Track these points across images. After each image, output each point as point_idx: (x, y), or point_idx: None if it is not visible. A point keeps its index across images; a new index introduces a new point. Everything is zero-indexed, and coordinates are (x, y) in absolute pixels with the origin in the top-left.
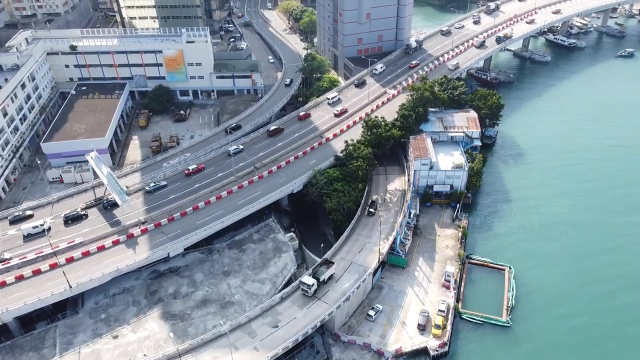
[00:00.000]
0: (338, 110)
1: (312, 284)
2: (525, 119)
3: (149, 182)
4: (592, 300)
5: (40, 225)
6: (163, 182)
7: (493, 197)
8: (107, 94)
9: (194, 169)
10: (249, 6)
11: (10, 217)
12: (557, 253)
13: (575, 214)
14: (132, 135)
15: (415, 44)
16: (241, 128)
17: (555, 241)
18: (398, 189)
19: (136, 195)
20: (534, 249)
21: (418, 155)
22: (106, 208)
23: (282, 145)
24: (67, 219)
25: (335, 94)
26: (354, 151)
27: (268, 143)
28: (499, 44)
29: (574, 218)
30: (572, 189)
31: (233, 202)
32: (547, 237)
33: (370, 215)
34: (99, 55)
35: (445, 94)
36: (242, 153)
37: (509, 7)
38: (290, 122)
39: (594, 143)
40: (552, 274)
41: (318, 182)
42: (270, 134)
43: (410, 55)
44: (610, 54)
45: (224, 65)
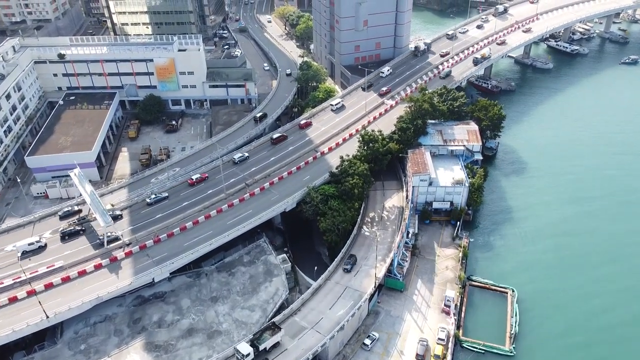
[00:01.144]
0: (383, 90)
1: (248, 354)
2: (527, 128)
3: (150, 194)
4: (601, 328)
5: (36, 242)
6: (164, 193)
7: (495, 213)
8: (95, 104)
9: (197, 179)
10: (245, 11)
11: (61, 212)
12: (563, 273)
13: (581, 229)
14: (121, 147)
15: (424, 47)
16: (267, 117)
17: (560, 260)
18: (396, 205)
19: (124, 213)
20: (538, 269)
21: (417, 170)
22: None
23: (286, 154)
24: (64, 235)
25: (339, 99)
26: (350, 167)
27: (271, 152)
28: (476, 65)
29: (580, 234)
30: (577, 202)
31: (223, 222)
32: (551, 255)
33: (346, 272)
34: (88, 64)
35: (444, 105)
36: (247, 161)
37: (518, 10)
38: (291, 131)
39: (598, 152)
40: (558, 297)
41: (313, 200)
42: (273, 141)
43: (418, 58)
44: (613, 60)
45: (217, 74)
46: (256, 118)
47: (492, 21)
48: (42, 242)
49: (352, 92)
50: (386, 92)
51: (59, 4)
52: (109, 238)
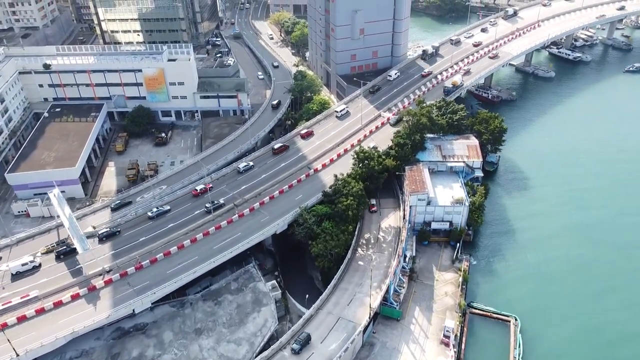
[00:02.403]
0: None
1: None
2: (529, 140)
3: (152, 208)
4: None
5: (29, 262)
6: (166, 206)
7: (496, 233)
8: (82, 116)
9: (201, 189)
10: (240, 17)
11: (113, 204)
12: (570, 299)
13: (588, 250)
14: (108, 162)
15: (432, 50)
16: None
17: (566, 285)
18: (392, 226)
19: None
20: (542, 295)
21: (414, 189)
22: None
23: (287, 164)
24: (59, 254)
25: (344, 106)
26: (343, 187)
27: (273, 162)
28: (447, 95)
29: (586, 255)
30: (582, 219)
31: (209, 246)
32: (557, 279)
33: (294, 353)
34: (75, 74)
35: (444, 119)
36: (253, 169)
37: (529, 13)
38: (292, 140)
39: (602, 164)
40: (564, 326)
41: (306, 222)
42: (275, 151)
43: (426, 62)
44: (617, 68)
45: (208, 84)
46: (273, 105)
47: (499, 25)
48: (37, 261)
49: (357, 98)
50: (428, 73)
51: (47, 11)
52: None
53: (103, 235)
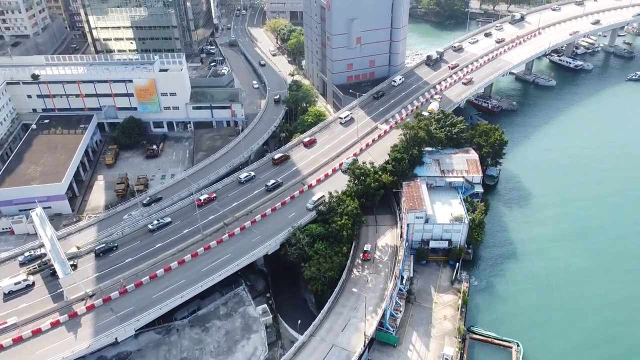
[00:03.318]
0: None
1: None
2: (530, 152)
3: (152, 220)
4: None
5: (23, 281)
6: (167, 218)
7: (497, 251)
8: (71, 127)
9: (205, 199)
10: (236, 23)
11: (145, 200)
12: (575, 324)
13: (592, 267)
14: (97, 175)
15: (437, 56)
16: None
17: (571, 308)
18: (389, 244)
19: (89, 257)
20: (546, 318)
21: (412, 206)
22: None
23: (289, 175)
24: (54, 272)
25: (348, 112)
26: (338, 205)
27: (273, 172)
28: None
29: (591, 274)
30: (586, 234)
31: (197, 268)
32: (561, 301)
33: None
34: (64, 85)
35: (442, 132)
36: (253, 180)
37: (539, 17)
38: (295, 149)
39: (606, 177)
40: (569, 354)
41: (299, 242)
42: (275, 162)
43: (430, 67)
44: (619, 77)
45: (202, 94)
46: (276, 100)
47: (503, 30)
48: (30, 280)
49: (361, 103)
50: (455, 65)
51: (38, 19)
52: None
53: (100, 250)
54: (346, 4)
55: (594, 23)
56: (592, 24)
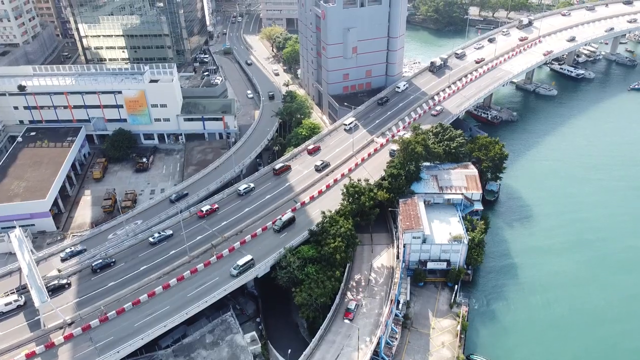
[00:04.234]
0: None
1: None
2: (532, 165)
3: (153, 233)
4: None
5: (14, 302)
6: (169, 231)
7: (498, 272)
8: (58, 140)
9: (207, 210)
10: (231, 30)
11: (173, 196)
12: (578, 350)
13: (596, 289)
14: (84, 190)
15: (441, 62)
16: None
17: (574, 330)
18: (385, 265)
19: (72, 279)
20: (548, 345)
21: (409, 226)
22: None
23: (291, 185)
24: (48, 290)
25: (352, 119)
26: (331, 226)
27: (275, 184)
28: (392, 157)
29: (594, 295)
30: (590, 253)
31: (183, 293)
32: (563, 325)
33: None
34: (51, 96)
35: (440, 146)
36: (253, 192)
37: (549, 22)
38: (297, 159)
39: (609, 191)
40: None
41: (289, 265)
42: (276, 172)
43: (435, 74)
44: (621, 86)
45: (193, 105)
46: (270, 95)
47: (510, 36)
48: (21, 300)
49: (366, 109)
50: (481, 59)
51: (28, 27)
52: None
53: (97, 266)
54: (342, 13)
55: (607, 31)
56: (605, 32)
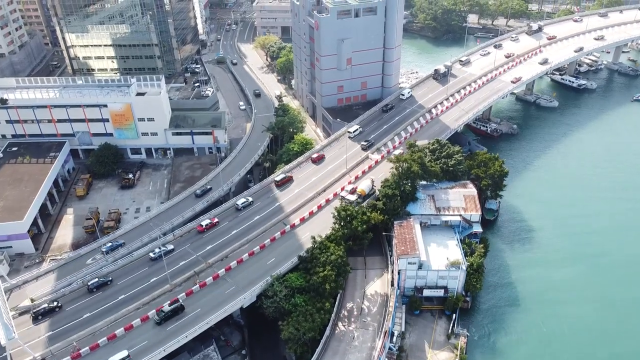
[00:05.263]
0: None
1: None
2: (533, 181)
3: (153, 249)
4: None
5: None
6: (170, 245)
7: (498, 298)
8: (40, 156)
9: (207, 225)
10: (225, 39)
11: (198, 191)
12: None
13: (603, 317)
14: (67, 208)
15: (444, 69)
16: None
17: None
18: (379, 292)
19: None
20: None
21: (404, 251)
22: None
23: (294, 195)
24: (37, 314)
25: (357, 126)
26: (321, 253)
27: (276, 196)
28: (365, 200)
29: (600, 324)
30: (593, 275)
31: (161, 327)
32: (568, 357)
33: None
34: (34, 110)
35: (437, 164)
36: (252, 206)
37: (558, 28)
38: (301, 168)
39: (614, 209)
40: None
41: (276, 294)
42: (278, 184)
43: (439, 81)
44: (624, 97)
45: (182, 119)
46: (257, 93)
47: (518, 42)
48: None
49: (370, 116)
50: (510, 55)
51: (15, 37)
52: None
53: (94, 286)
54: (336, 23)
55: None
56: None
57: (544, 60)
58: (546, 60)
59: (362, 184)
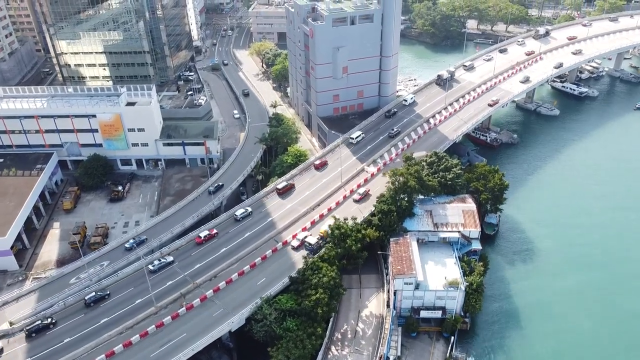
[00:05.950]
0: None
1: None
2: (534, 193)
3: (152, 261)
4: None
5: None
6: (169, 257)
7: (499, 319)
8: (27, 168)
9: (206, 236)
10: (221, 45)
11: (211, 187)
12: None
13: (606, 335)
14: (53, 222)
15: (448, 75)
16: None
17: None
18: (374, 313)
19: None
20: None
21: (400, 270)
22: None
23: (298, 203)
24: (30, 332)
25: (359, 132)
26: (313, 275)
27: (278, 204)
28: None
29: (608, 346)
30: (596, 290)
31: (145, 353)
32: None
33: None
34: (21, 120)
35: (435, 178)
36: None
37: (567, 32)
38: (303, 175)
39: (617, 219)
40: None
41: (266, 318)
42: (279, 192)
43: (441, 87)
44: (626, 105)
45: (174, 129)
46: (245, 92)
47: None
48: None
49: (372, 123)
50: (530, 52)
51: (4, 44)
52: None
53: (91, 300)
54: (331, 31)
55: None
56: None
57: (559, 64)
58: (561, 64)
59: (325, 225)
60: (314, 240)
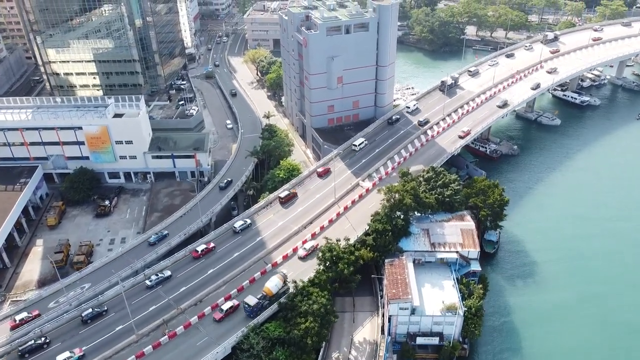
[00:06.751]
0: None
1: None
2: (535, 207)
3: (150, 275)
4: None
5: None
6: (167, 271)
7: (500, 344)
8: (9, 182)
9: (203, 250)
10: (215, 52)
11: (223, 183)
12: None
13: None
14: (36, 239)
15: (451, 81)
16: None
17: None
18: (368, 339)
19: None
20: None
21: (395, 294)
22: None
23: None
24: (24, 353)
25: (362, 139)
26: (302, 301)
27: (281, 214)
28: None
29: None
30: (607, 316)
31: None
32: None
33: None
34: (5, 132)
35: (432, 195)
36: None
37: (575, 38)
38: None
39: (620, 235)
40: None
41: (253, 347)
42: (282, 200)
43: (444, 94)
44: (629, 114)
45: (163, 141)
46: (233, 93)
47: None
48: None
49: (377, 127)
50: (556, 50)
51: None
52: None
53: (88, 317)
54: (325, 40)
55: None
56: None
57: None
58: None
59: (269, 282)
60: (254, 301)
